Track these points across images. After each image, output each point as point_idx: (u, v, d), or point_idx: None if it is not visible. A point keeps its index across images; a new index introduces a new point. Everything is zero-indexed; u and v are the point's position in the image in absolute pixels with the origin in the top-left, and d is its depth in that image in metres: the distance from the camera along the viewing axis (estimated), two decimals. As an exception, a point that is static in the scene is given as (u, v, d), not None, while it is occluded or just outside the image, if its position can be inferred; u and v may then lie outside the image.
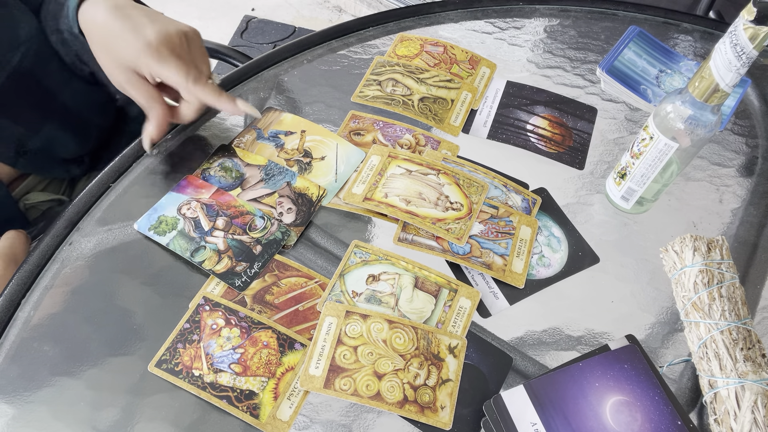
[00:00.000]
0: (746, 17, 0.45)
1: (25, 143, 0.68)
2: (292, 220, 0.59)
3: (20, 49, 0.62)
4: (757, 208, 0.66)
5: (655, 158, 0.56)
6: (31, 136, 0.68)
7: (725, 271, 0.53)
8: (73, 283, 0.54)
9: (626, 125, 0.72)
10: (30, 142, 0.68)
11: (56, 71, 0.67)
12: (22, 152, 0.68)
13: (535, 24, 0.82)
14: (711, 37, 0.84)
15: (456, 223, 0.59)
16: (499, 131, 0.70)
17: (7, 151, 0.67)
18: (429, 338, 0.52)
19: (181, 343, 0.50)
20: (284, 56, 0.74)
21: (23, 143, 0.67)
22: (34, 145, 0.68)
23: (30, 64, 0.64)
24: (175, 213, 0.58)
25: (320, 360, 0.50)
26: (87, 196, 0.59)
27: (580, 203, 0.64)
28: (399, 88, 0.71)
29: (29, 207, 0.74)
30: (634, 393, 0.49)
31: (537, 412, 0.48)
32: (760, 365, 0.49)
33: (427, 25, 0.81)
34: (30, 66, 0.64)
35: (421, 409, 0.49)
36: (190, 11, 2.01)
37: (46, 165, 0.72)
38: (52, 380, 0.49)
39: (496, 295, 0.57)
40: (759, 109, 0.76)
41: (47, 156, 0.71)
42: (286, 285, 0.55)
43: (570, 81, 0.76)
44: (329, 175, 0.63)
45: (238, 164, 0.63)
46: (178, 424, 0.47)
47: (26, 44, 0.63)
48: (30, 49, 0.63)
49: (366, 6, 2.01)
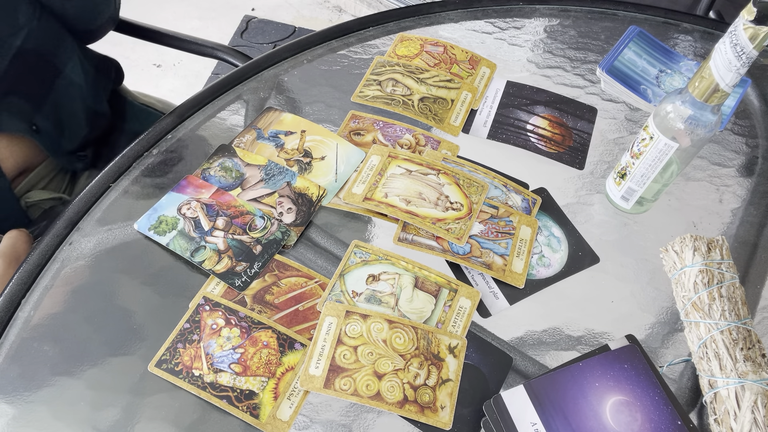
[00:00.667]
0: (746, 17, 0.45)
1: (35, 120, 0.69)
2: (292, 220, 0.59)
3: (21, 32, 0.64)
4: (757, 208, 0.66)
5: (655, 158, 0.56)
6: (37, 113, 0.69)
7: (725, 271, 0.53)
8: (73, 283, 0.54)
9: (626, 125, 0.72)
10: (38, 119, 0.70)
11: (58, 48, 0.69)
12: (35, 130, 0.70)
13: (535, 24, 0.82)
14: (711, 37, 0.84)
15: (456, 223, 0.59)
16: (499, 131, 0.70)
17: (22, 125, 0.69)
18: (429, 338, 0.52)
19: (181, 343, 0.50)
20: (284, 56, 0.74)
21: (33, 120, 0.69)
22: (42, 124, 0.70)
23: (32, 45, 0.66)
24: (175, 213, 0.58)
25: (320, 360, 0.50)
26: (87, 196, 0.59)
27: (580, 203, 0.64)
28: (399, 88, 0.71)
29: (30, 205, 0.74)
30: (634, 393, 0.49)
31: (537, 412, 0.48)
32: (760, 365, 0.49)
33: (427, 25, 0.81)
34: (33, 46, 0.66)
35: (421, 409, 0.49)
36: (190, 11, 2.01)
37: (54, 146, 0.74)
38: (52, 380, 0.49)
39: (496, 295, 0.57)
40: (759, 109, 0.76)
41: (54, 138, 0.73)
42: (286, 285, 0.55)
43: (570, 81, 0.76)
44: (329, 175, 0.63)
45: (238, 164, 0.63)
46: (178, 424, 0.47)
47: (26, 27, 0.65)
48: (31, 30, 0.65)
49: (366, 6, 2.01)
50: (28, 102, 0.69)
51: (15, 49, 0.64)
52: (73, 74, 0.72)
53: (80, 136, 0.75)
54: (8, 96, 0.66)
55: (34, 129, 0.70)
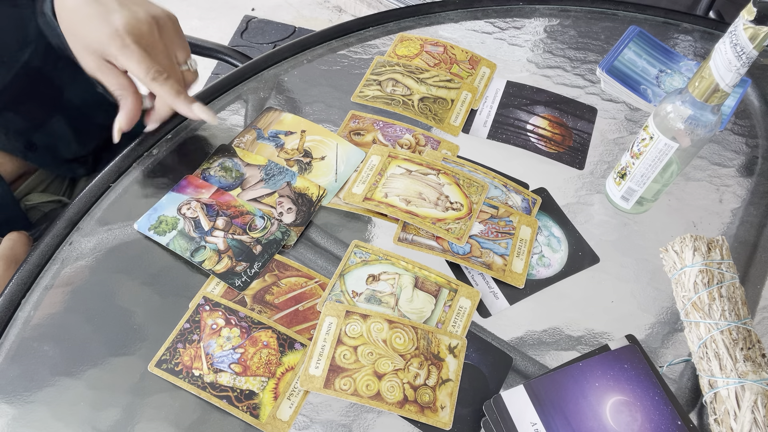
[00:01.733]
0: (746, 17, 0.45)
1: (33, 138, 0.68)
2: (292, 220, 0.59)
3: (29, 47, 0.63)
4: (757, 208, 0.66)
5: (655, 158, 0.56)
6: (37, 131, 0.68)
7: (725, 271, 0.53)
8: (73, 283, 0.54)
9: (626, 125, 0.72)
10: (36, 137, 0.68)
11: (63, 68, 0.67)
12: (30, 146, 0.68)
13: (535, 24, 0.82)
14: (711, 37, 0.84)
15: (456, 223, 0.59)
16: (499, 131, 0.70)
17: (16, 144, 0.67)
18: (429, 338, 0.52)
19: (181, 343, 0.50)
20: (284, 56, 0.74)
21: (30, 138, 0.68)
22: (40, 141, 0.69)
23: (38, 62, 0.64)
24: (175, 213, 0.58)
25: (320, 360, 0.50)
26: (87, 196, 0.59)
27: (580, 203, 0.64)
28: (399, 88, 0.71)
29: (30, 208, 0.74)
30: (634, 393, 0.49)
31: (537, 412, 0.48)
32: (760, 365, 0.49)
33: (427, 25, 0.81)
34: (38, 63, 0.64)
35: (421, 409, 0.49)
36: (190, 11, 2.01)
37: (52, 162, 0.72)
38: (53, 380, 0.49)
39: (496, 295, 0.57)
40: (759, 109, 0.76)
41: (54, 153, 0.71)
42: (286, 285, 0.55)
43: (570, 81, 0.76)
44: (329, 175, 0.63)
45: (238, 164, 0.63)
46: (178, 424, 0.47)
47: (34, 43, 0.63)
48: (38, 47, 0.64)
49: (366, 6, 2.01)
50: (26, 120, 0.67)
51: (21, 63, 0.63)
52: (79, 94, 0.70)
53: (82, 148, 0.75)
54: (4, 112, 0.65)
55: (30, 146, 0.68)
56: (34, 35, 0.63)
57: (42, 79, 0.66)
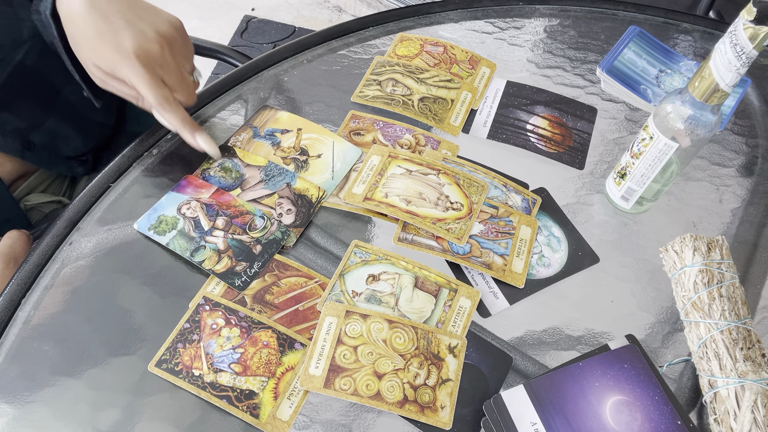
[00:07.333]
0: (746, 17, 0.45)
1: (30, 138, 0.68)
2: (292, 221, 0.59)
3: (23, 47, 0.63)
4: (757, 208, 0.66)
5: (655, 158, 0.56)
6: (34, 131, 0.68)
7: (725, 270, 0.53)
8: (73, 283, 0.54)
9: (626, 125, 0.72)
10: (34, 137, 0.68)
11: (58, 67, 0.67)
12: (28, 145, 0.68)
13: (535, 24, 0.82)
14: (711, 37, 0.84)
15: (456, 223, 0.59)
16: (499, 131, 0.70)
17: (13, 144, 0.67)
18: (429, 338, 0.52)
19: (181, 342, 0.50)
20: (284, 56, 0.74)
21: (27, 137, 0.68)
22: (38, 140, 0.69)
23: (33, 61, 0.64)
24: (175, 213, 0.58)
25: (320, 360, 0.50)
26: (87, 196, 0.59)
27: (580, 203, 0.64)
28: (399, 88, 0.71)
29: (30, 208, 0.74)
30: (634, 393, 0.49)
31: (537, 411, 0.48)
32: (760, 365, 0.49)
33: (427, 25, 0.81)
34: (33, 63, 0.64)
35: (421, 409, 0.49)
36: (190, 11, 2.01)
37: (51, 161, 0.72)
38: (53, 380, 0.49)
39: (496, 295, 0.57)
40: (759, 109, 0.76)
41: (52, 152, 0.71)
42: (286, 285, 0.55)
43: (570, 81, 0.76)
44: (326, 173, 0.63)
45: (238, 165, 0.63)
46: (178, 424, 0.47)
47: (29, 42, 0.63)
48: (33, 46, 0.63)
49: (366, 6, 2.00)
50: (24, 120, 0.67)
51: (15, 63, 0.63)
52: (75, 93, 0.69)
53: (82, 146, 0.75)
54: (0, 112, 0.65)
55: (28, 146, 0.68)
56: (29, 34, 0.63)
57: (37, 79, 0.66)
